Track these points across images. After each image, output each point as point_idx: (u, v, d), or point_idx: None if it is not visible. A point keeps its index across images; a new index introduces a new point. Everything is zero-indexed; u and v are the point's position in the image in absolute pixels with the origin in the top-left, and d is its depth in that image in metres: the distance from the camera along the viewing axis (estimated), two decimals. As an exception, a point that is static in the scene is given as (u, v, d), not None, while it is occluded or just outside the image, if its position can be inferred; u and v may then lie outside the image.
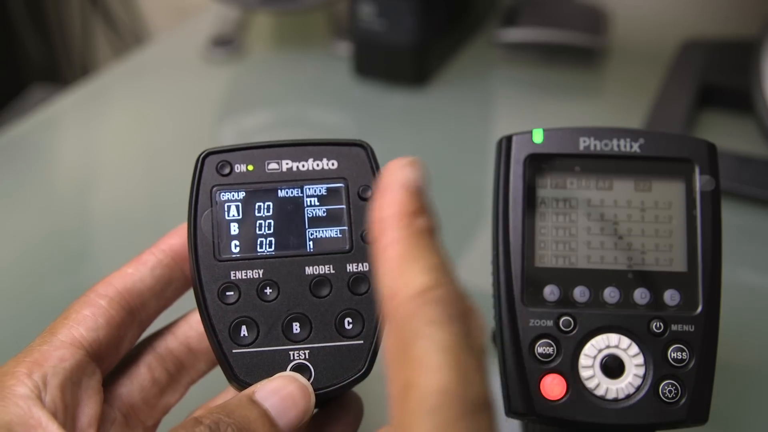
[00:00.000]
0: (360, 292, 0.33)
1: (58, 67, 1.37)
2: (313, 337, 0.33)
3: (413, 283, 0.24)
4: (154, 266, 0.34)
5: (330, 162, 0.34)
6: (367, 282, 0.33)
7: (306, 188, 0.34)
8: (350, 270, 0.33)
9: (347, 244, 0.34)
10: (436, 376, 0.22)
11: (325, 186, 0.34)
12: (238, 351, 0.32)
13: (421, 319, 0.23)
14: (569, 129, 0.35)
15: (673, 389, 0.33)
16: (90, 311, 0.32)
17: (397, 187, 0.26)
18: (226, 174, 0.34)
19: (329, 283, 0.33)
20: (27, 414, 0.28)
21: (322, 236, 0.34)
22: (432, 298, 0.23)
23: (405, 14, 0.71)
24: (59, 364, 0.30)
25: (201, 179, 0.33)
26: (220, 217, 0.33)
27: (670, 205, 0.35)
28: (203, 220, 0.33)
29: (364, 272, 0.33)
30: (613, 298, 0.34)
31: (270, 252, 0.33)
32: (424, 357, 0.22)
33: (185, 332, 0.35)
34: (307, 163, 0.34)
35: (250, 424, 0.29)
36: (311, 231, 0.34)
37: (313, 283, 0.33)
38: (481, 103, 0.77)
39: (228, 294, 0.33)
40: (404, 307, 0.23)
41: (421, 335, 0.22)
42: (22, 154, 0.69)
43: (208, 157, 0.34)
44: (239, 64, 0.81)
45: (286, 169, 0.34)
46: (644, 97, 0.70)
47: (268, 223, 0.33)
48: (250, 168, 0.34)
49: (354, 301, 0.33)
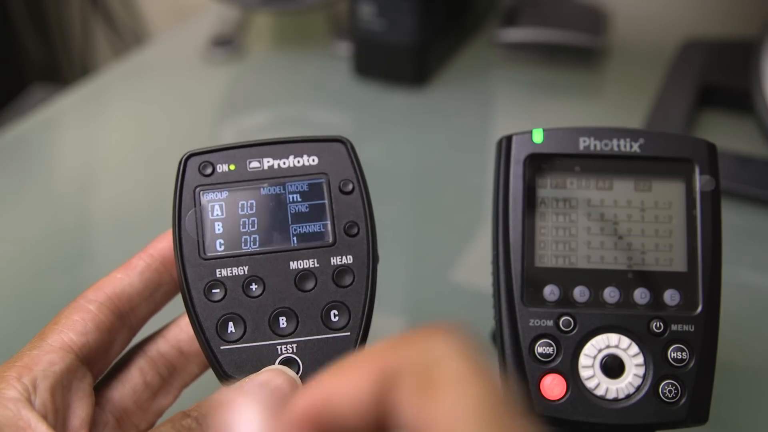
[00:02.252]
0: (344, 284, 0.33)
1: (58, 67, 1.37)
2: (300, 331, 0.33)
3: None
4: (143, 270, 0.34)
5: (311, 158, 0.34)
6: (352, 274, 0.34)
7: (288, 185, 0.34)
8: (334, 263, 0.34)
9: (330, 238, 0.34)
10: (471, 390, 0.21)
11: (306, 182, 0.34)
12: (226, 347, 0.32)
13: (434, 345, 0.22)
14: (569, 129, 0.35)
15: (673, 389, 0.33)
16: (79, 316, 0.32)
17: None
18: (209, 174, 0.34)
19: (314, 277, 0.33)
20: (16, 416, 0.28)
21: (305, 231, 0.34)
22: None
23: (405, 14, 0.71)
24: (49, 368, 0.30)
25: (184, 180, 0.34)
26: (204, 217, 0.34)
27: (670, 205, 0.35)
28: (187, 220, 0.33)
29: (347, 265, 0.34)
30: (613, 298, 0.34)
31: (254, 248, 0.33)
32: (455, 372, 0.21)
33: (176, 335, 0.36)
34: (288, 160, 0.34)
35: None
36: (295, 226, 0.34)
37: (298, 277, 0.33)
38: (481, 103, 0.77)
39: (214, 291, 0.33)
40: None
41: (442, 356, 0.21)
42: (22, 154, 0.69)
43: (190, 159, 0.34)
44: (239, 64, 0.81)
45: (267, 167, 0.34)
46: (644, 97, 0.70)
47: (252, 221, 0.34)
48: (232, 167, 0.34)
49: (339, 294, 0.33)
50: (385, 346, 0.23)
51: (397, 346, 0.22)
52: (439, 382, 0.21)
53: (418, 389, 0.21)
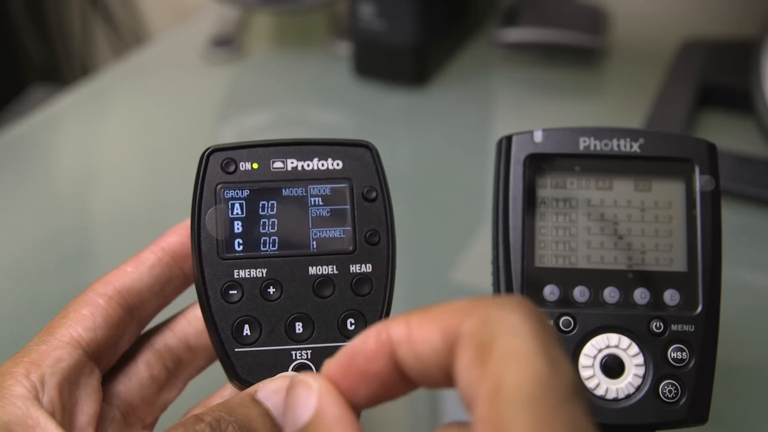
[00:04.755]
0: (363, 293, 0.33)
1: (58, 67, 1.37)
2: (316, 337, 0.33)
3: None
4: (153, 265, 0.34)
5: (335, 162, 0.34)
6: (370, 283, 0.33)
7: (310, 188, 0.34)
8: (353, 271, 0.33)
9: (351, 245, 0.33)
10: (529, 366, 0.21)
11: (329, 186, 0.34)
12: (241, 350, 0.32)
13: (499, 316, 0.22)
14: (569, 129, 0.35)
15: (673, 389, 0.33)
16: (88, 310, 0.32)
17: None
18: (231, 172, 0.34)
19: (332, 284, 0.33)
20: (25, 414, 0.28)
21: (325, 236, 0.34)
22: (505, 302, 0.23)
23: (405, 14, 0.71)
24: (57, 364, 0.30)
25: (206, 176, 0.33)
26: (225, 215, 0.33)
27: (670, 205, 0.35)
28: (207, 218, 0.33)
29: (367, 273, 0.33)
30: (613, 298, 0.34)
31: (273, 251, 0.33)
32: (512, 347, 0.21)
33: (183, 329, 0.35)
34: (312, 162, 0.34)
35: (251, 423, 0.29)
36: (315, 231, 0.34)
37: (316, 283, 0.33)
38: (481, 103, 0.77)
39: (231, 293, 0.33)
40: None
41: (504, 329, 0.22)
42: (22, 154, 0.69)
43: (212, 155, 0.34)
44: (239, 64, 0.81)
45: (291, 168, 0.34)
46: (644, 97, 0.70)
47: (272, 222, 0.33)
48: (255, 166, 0.34)
49: (357, 302, 0.33)
50: (454, 307, 0.23)
51: (464, 310, 0.23)
52: (496, 355, 0.21)
53: (475, 359, 0.22)
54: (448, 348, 0.23)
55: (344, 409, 0.25)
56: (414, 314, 0.24)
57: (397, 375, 0.24)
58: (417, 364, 0.23)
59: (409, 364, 0.24)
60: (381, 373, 0.24)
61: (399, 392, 0.25)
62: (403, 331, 0.24)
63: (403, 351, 0.24)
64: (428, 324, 0.23)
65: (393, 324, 0.24)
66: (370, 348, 0.24)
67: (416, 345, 0.23)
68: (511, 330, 0.22)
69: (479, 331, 0.22)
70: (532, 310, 0.22)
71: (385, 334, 0.24)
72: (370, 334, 0.24)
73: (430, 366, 0.23)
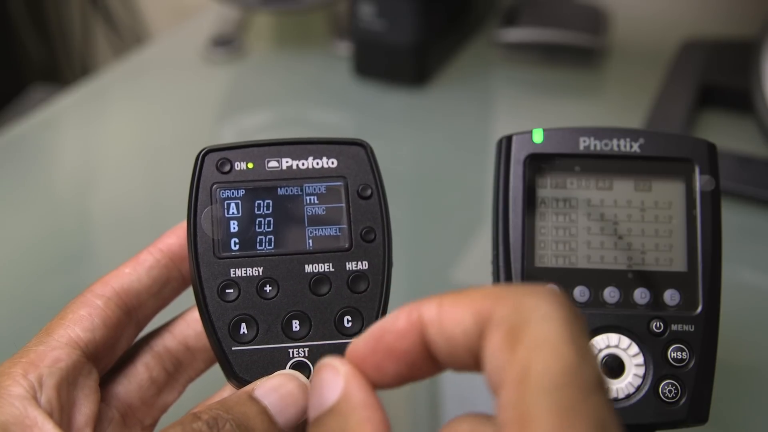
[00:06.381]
0: (359, 290, 0.33)
1: (58, 67, 1.37)
2: (313, 335, 0.33)
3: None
4: (151, 266, 0.34)
5: (330, 161, 0.34)
6: (367, 280, 0.33)
7: (306, 186, 0.34)
8: (349, 268, 0.33)
9: (347, 243, 0.34)
10: (558, 354, 0.21)
11: (324, 184, 0.34)
12: (238, 348, 0.32)
13: (532, 302, 0.22)
14: (569, 129, 0.35)
15: (673, 389, 0.33)
16: (86, 311, 0.32)
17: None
18: (226, 171, 0.34)
19: (329, 281, 0.33)
20: (23, 414, 0.28)
21: (321, 234, 0.34)
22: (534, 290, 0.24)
23: (405, 14, 0.71)
24: (55, 365, 0.30)
25: (201, 176, 0.34)
26: (220, 215, 0.33)
27: (670, 205, 0.35)
28: (203, 218, 0.33)
29: (363, 270, 0.33)
30: (613, 298, 0.34)
31: (270, 250, 0.33)
32: (543, 334, 0.21)
33: (183, 331, 0.35)
34: (306, 161, 0.34)
35: (249, 421, 0.29)
36: (311, 229, 0.34)
37: (313, 281, 0.33)
38: (481, 103, 0.77)
39: (228, 291, 0.33)
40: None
41: (536, 316, 0.22)
42: (22, 154, 0.69)
43: (208, 155, 0.34)
44: (239, 64, 0.81)
45: (286, 167, 0.34)
46: (644, 97, 0.70)
47: (268, 221, 0.34)
48: (250, 166, 0.34)
49: (353, 300, 0.33)
50: (487, 291, 0.23)
51: (497, 295, 0.23)
52: (526, 341, 0.22)
53: (505, 343, 0.22)
54: (479, 331, 0.23)
55: (370, 393, 0.25)
56: (446, 296, 0.24)
57: (425, 355, 0.24)
58: (446, 345, 0.24)
59: (438, 345, 0.24)
60: (409, 352, 0.24)
61: (425, 373, 0.25)
62: (435, 312, 0.24)
63: (433, 331, 0.24)
64: (460, 306, 0.23)
65: (425, 304, 0.24)
66: (400, 326, 0.24)
67: (447, 326, 0.23)
68: (543, 317, 0.22)
69: (511, 316, 0.22)
70: (564, 300, 0.22)
71: (417, 314, 0.24)
72: (401, 313, 0.24)
73: (459, 348, 0.23)
